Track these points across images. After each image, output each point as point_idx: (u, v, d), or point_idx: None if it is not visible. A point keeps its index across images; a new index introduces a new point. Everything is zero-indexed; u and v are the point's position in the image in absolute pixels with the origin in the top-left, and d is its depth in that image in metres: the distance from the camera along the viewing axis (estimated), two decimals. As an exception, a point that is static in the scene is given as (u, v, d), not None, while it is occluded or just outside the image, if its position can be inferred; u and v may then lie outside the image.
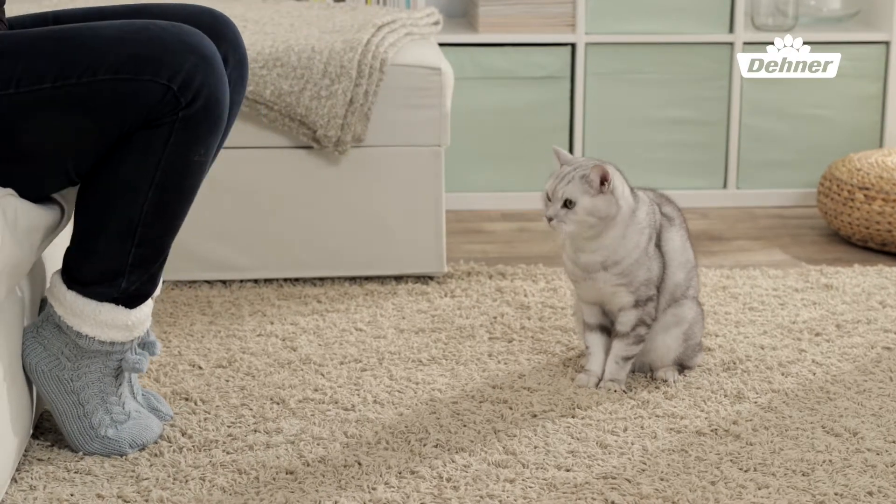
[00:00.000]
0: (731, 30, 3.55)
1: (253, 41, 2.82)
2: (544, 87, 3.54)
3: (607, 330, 2.34)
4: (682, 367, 2.38)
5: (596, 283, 2.27)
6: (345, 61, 2.77)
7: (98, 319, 1.98)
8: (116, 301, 1.99)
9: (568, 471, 2.00)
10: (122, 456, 2.04)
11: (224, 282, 2.89)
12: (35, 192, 1.94)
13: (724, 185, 3.64)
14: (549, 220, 2.19)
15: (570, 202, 2.18)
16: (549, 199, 2.20)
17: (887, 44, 3.58)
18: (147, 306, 2.03)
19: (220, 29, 2.06)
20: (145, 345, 2.10)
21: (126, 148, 1.90)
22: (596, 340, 2.34)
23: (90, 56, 1.85)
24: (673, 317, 2.32)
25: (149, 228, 1.95)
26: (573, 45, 3.53)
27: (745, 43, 3.54)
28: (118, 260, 1.96)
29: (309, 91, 2.77)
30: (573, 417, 2.19)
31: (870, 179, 3.22)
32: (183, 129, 1.90)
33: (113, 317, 1.98)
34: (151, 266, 1.99)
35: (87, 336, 1.99)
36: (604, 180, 2.18)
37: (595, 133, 3.57)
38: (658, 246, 2.28)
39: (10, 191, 1.87)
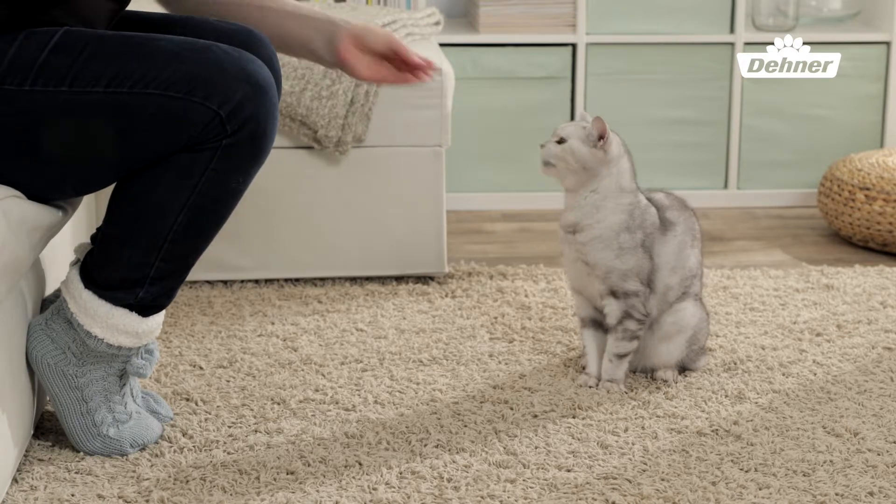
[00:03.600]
0: (732, 30, 3.55)
1: (254, 41, 2.82)
2: (545, 88, 3.54)
3: (602, 327, 2.34)
4: (683, 368, 2.38)
5: (570, 252, 2.30)
6: (345, 61, 2.77)
7: (109, 323, 1.98)
8: (131, 308, 1.99)
9: (569, 471, 2.00)
10: (122, 456, 2.04)
11: (225, 282, 2.90)
12: (50, 195, 1.93)
13: (725, 186, 3.64)
14: (542, 146, 2.29)
15: (563, 139, 2.27)
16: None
17: (888, 44, 3.58)
18: (160, 316, 2.03)
19: (255, 46, 2.05)
20: (145, 351, 2.10)
21: (165, 167, 1.89)
22: (590, 339, 2.35)
23: (146, 67, 1.84)
24: (674, 325, 2.32)
25: (176, 246, 1.94)
26: (574, 46, 3.53)
27: (746, 43, 3.55)
28: (140, 271, 1.96)
29: (310, 91, 2.77)
30: (574, 418, 2.19)
31: (870, 180, 3.22)
32: (225, 156, 1.89)
33: (124, 322, 1.98)
34: (173, 280, 1.99)
35: (96, 337, 1.99)
36: (601, 136, 2.25)
37: (596, 133, 3.57)
38: (648, 248, 2.28)
39: (13, 192, 1.86)
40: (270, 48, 2.08)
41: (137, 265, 1.95)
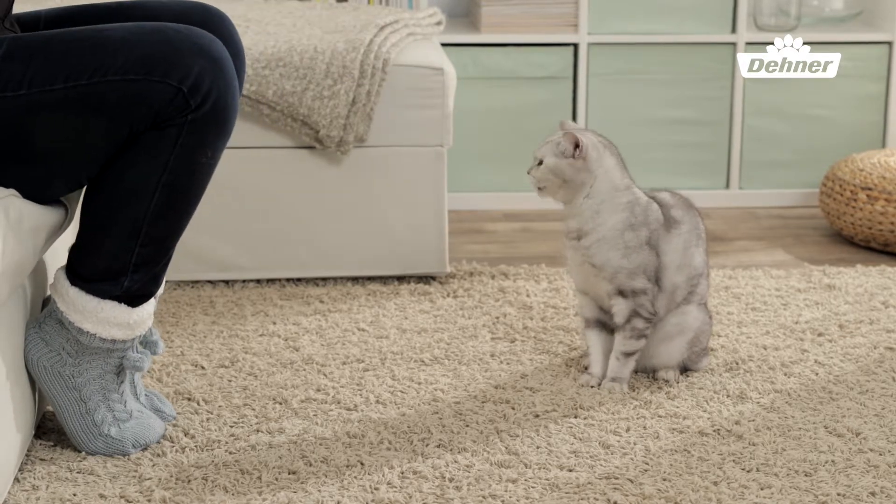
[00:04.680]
0: (734, 30, 3.55)
1: (255, 41, 2.82)
2: (547, 88, 3.54)
3: (607, 327, 2.34)
4: (685, 368, 2.38)
5: (576, 257, 2.30)
6: (347, 61, 2.77)
7: (99, 317, 1.98)
8: (118, 299, 1.99)
9: (570, 471, 2.00)
10: (124, 455, 2.04)
11: (227, 282, 2.90)
12: (43, 195, 1.94)
13: (727, 186, 3.64)
14: (529, 173, 2.33)
15: (541, 161, 2.29)
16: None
17: (890, 44, 3.58)
18: (149, 305, 2.03)
19: (213, 24, 2.07)
20: (147, 343, 2.10)
21: (134, 149, 1.91)
22: (595, 339, 2.35)
23: (100, 57, 1.86)
24: (676, 326, 2.32)
25: (154, 229, 1.95)
26: (575, 46, 3.53)
27: (748, 43, 3.54)
28: (122, 259, 1.96)
29: (311, 91, 2.77)
30: (576, 417, 2.19)
31: (872, 180, 3.22)
32: (191, 131, 1.91)
33: (114, 315, 1.99)
34: (155, 266, 2.00)
35: (88, 333, 1.99)
36: (576, 146, 2.25)
37: (597, 133, 3.57)
38: (654, 245, 2.28)
39: (12, 191, 1.87)
40: (229, 24, 2.10)
41: (118, 253, 1.96)
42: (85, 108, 1.86)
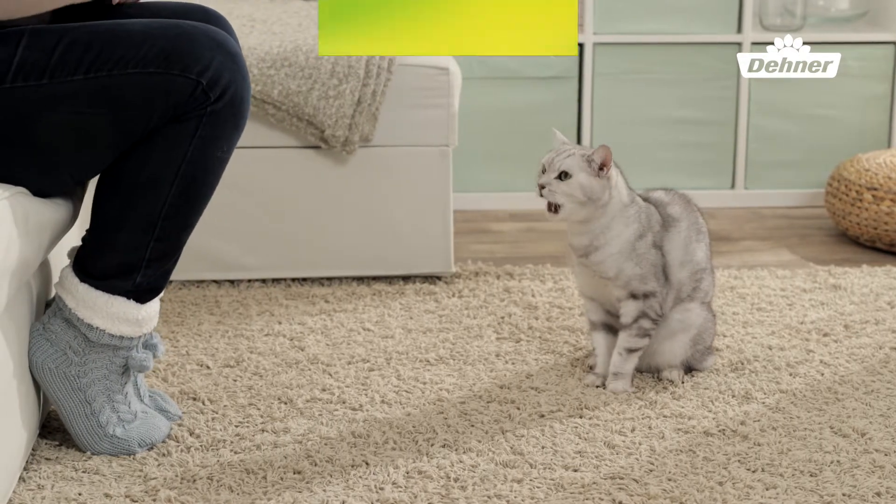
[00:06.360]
0: (739, 30, 3.55)
1: (261, 41, 2.83)
2: (552, 87, 3.54)
3: (613, 329, 2.34)
4: (689, 368, 2.38)
5: (586, 269, 2.29)
6: (352, 61, 2.77)
7: (109, 312, 1.99)
8: (128, 295, 2.00)
9: (575, 471, 2.00)
10: (130, 455, 2.04)
11: (232, 281, 2.90)
12: (52, 187, 1.95)
13: (732, 186, 3.64)
14: (542, 187, 2.22)
15: (566, 174, 2.21)
16: (545, 171, 2.24)
17: (895, 44, 3.57)
18: (156, 303, 2.04)
19: (213, 24, 2.08)
20: (148, 346, 2.11)
21: (152, 143, 1.93)
22: (601, 341, 2.34)
23: (121, 50, 1.87)
24: (679, 323, 2.32)
25: (168, 223, 1.97)
26: (581, 45, 3.53)
27: (753, 43, 3.54)
28: (136, 254, 1.97)
29: (317, 91, 2.77)
30: (581, 418, 2.19)
31: (878, 180, 3.21)
32: (209, 124, 1.93)
33: (124, 310, 1.99)
34: (167, 261, 2.01)
35: (97, 328, 1.99)
36: (604, 165, 2.22)
37: (602, 133, 3.57)
38: (659, 245, 2.28)
39: (20, 189, 1.88)
40: (227, 25, 2.12)
41: (133, 248, 1.97)
42: (104, 99, 1.88)
